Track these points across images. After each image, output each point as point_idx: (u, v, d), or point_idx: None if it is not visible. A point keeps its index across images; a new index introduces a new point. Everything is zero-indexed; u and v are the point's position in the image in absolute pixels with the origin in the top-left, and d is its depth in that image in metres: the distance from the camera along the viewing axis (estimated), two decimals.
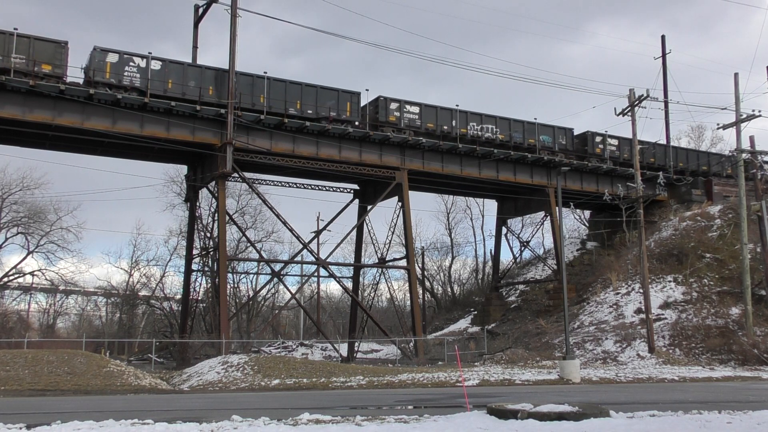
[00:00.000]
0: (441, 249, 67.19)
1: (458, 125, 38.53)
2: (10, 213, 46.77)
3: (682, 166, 48.71)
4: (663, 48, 57.43)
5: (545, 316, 42.54)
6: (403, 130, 36.88)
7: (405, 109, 37.11)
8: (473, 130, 38.97)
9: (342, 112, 35.31)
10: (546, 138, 41.71)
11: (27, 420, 11.83)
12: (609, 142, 44.89)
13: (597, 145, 44.24)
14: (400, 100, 37.19)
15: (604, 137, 44.80)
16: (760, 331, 33.53)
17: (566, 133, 42.98)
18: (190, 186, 38.81)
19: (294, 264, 49.95)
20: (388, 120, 36.47)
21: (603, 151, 44.48)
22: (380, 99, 36.76)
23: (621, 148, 45.10)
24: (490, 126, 39.70)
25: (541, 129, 41.79)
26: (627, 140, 45.17)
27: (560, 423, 10.81)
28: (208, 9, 38.22)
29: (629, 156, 44.31)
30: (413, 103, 37.65)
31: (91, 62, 30.42)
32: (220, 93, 32.77)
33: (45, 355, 24.94)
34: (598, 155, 44.23)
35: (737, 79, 35.31)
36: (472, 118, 39.31)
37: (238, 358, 28.12)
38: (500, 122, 40.18)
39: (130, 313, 56.52)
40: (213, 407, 15.95)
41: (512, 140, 40.19)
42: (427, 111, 37.86)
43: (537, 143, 41.12)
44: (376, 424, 11.41)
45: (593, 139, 44.33)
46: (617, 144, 45.19)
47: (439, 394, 19.58)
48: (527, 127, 41.23)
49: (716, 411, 12.77)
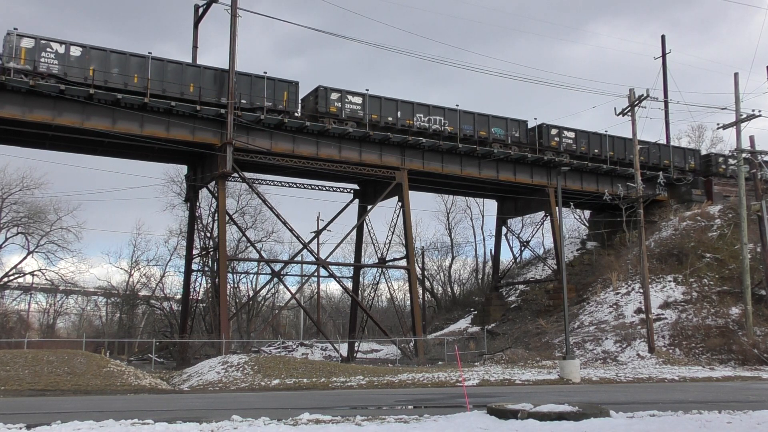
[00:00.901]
0: (441, 249, 67.26)
1: (403, 116, 36.91)
2: (10, 213, 46.81)
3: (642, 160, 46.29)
4: (663, 48, 57.44)
5: (545, 316, 42.54)
6: (344, 121, 35.12)
7: (347, 100, 35.34)
8: (420, 122, 37.35)
9: (279, 102, 33.69)
10: (498, 130, 39.97)
11: (27, 420, 11.83)
12: (565, 135, 42.88)
13: (552, 138, 42.19)
14: (342, 90, 35.41)
15: (560, 130, 42.88)
16: (760, 331, 33.54)
17: (520, 126, 41.13)
18: (190, 186, 38.80)
19: (294, 264, 49.98)
20: (328, 111, 34.77)
21: (559, 144, 42.40)
22: (320, 89, 34.93)
23: (578, 141, 43.21)
24: (438, 117, 38.01)
25: (493, 121, 40.09)
26: (584, 133, 43.85)
27: (560, 423, 10.80)
28: (208, 9, 38.23)
29: (587, 149, 43.30)
30: (356, 93, 35.84)
31: (5, 48, 28.86)
32: (144, 80, 30.98)
33: (45, 355, 24.94)
34: (553, 148, 42.07)
35: (737, 79, 35.33)
36: (419, 110, 37.66)
37: (238, 358, 28.12)
38: (449, 113, 38.48)
39: (130, 313, 56.53)
40: (213, 407, 15.95)
41: (461, 132, 38.57)
42: (371, 102, 36.09)
43: (489, 135, 39.53)
44: (376, 424, 11.41)
45: (548, 132, 42.31)
46: (574, 137, 43.19)
47: (439, 394, 19.58)
48: (478, 119, 39.50)
49: (716, 411, 12.77)
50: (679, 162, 48.74)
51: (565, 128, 43.06)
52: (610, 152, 44.63)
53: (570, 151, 42.74)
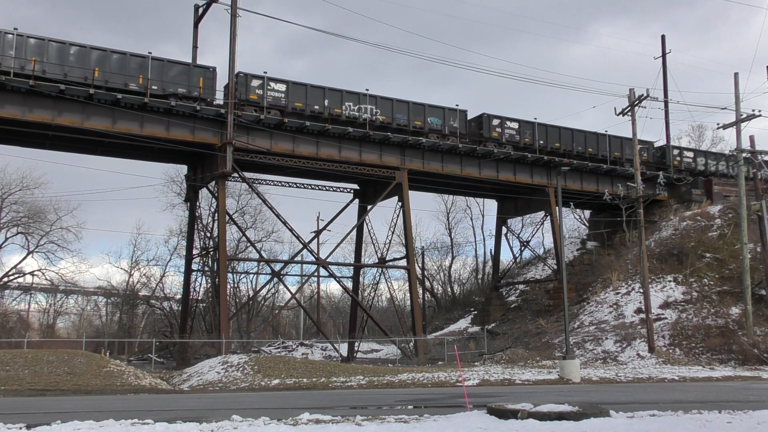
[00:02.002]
0: (441, 249, 67.24)
1: (331, 105, 35.07)
2: (10, 213, 46.84)
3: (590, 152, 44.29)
4: (663, 48, 57.42)
5: (545, 315, 42.55)
6: (267, 109, 33.54)
7: (269, 87, 33.72)
8: (349, 111, 35.47)
9: (194, 88, 32.17)
10: (435, 120, 38.05)
11: (27, 420, 11.83)
12: (508, 125, 40.69)
13: (494, 129, 40.09)
14: (263, 76, 33.78)
15: (502, 120, 40.71)
16: (760, 330, 33.54)
17: (458, 116, 39.00)
18: (190, 186, 38.80)
19: (294, 264, 49.97)
20: (249, 98, 33.17)
21: (501, 135, 40.31)
22: (240, 75, 33.36)
23: (521, 132, 41.09)
24: (369, 107, 36.09)
25: (429, 110, 38.14)
26: (529, 123, 41.63)
27: (560, 423, 10.81)
28: (207, 9, 38.23)
29: (531, 140, 41.09)
30: (278, 80, 34.19)
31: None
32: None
33: (45, 355, 24.94)
34: (495, 139, 40.04)
35: (737, 78, 35.34)
36: (348, 98, 35.74)
37: (238, 357, 28.12)
38: (381, 102, 36.61)
39: (130, 313, 56.53)
40: (213, 407, 15.95)
41: (394, 122, 36.74)
42: (295, 89, 34.32)
43: (425, 126, 37.64)
44: (376, 424, 11.40)
45: (489, 122, 40.21)
46: (517, 128, 41.05)
47: (439, 394, 19.58)
48: (413, 108, 37.59)
49: (716, 411, 12.77)
50: (630, 154, 45.14)
51: (507, 118, 40.92)
52: (556, 143, 42.29)
53: (513, 143, 40.60)
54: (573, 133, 43.49)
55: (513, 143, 40.72)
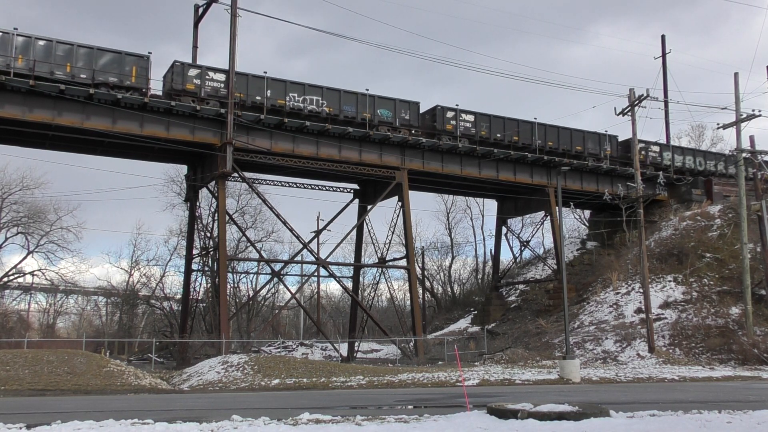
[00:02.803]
0: (441, 249, 67.25)
1: (274, 96, 33.86)
2: (10, 213, 46.84)
3: (550, 145, 42.64)
4: (663, 48, 57.46)
5: (545, 315, 42.54)
6: (205, 99, 32.40)
7: (207, 77, 32.68)
8: (294, 102, 34.27)
9: (126, 77, 30.76)
10: (385, 112, 36.71)
11: (27, 420, 11.82)
12: (463, 118, 39.13)
13: (448, 121, 38.57)
14: (202, 66, 32.92)
15: (456, 112, 39.10)
16: (760, 330, 33.54)
17: (410, 107, 37.71)
18: (190, 186, 38.82)
19: (294, 264, 49.97)
20: (185, 88, 32.02)
21: (455, 128, 38.75)
22: (176, 64, 32.34)
23: (477, 125, 39.48)
24: (315, 98, 34.87)
25: (379, 102, 36.72)
26: (486, 116, 39.98)
27: (560, 423, 10.80)
28: (207, 9, 38.27)
29: (487, 133, 39.60)
30: (217, 69, 33.20)
31: None
32: None
33: (45, 355, 24.94)
34: (449, 132, 38.55)
35: (737, 78, 35.33)
36: (293, 89, 34.48)
37: (238, 357, 28.12)
38: (328, 93, 35.34)
39: (130, 313, 56.53)
40: (213, 407, 15.95)
41: (342, 114, 35.46)
42: (237, 80, 33.14)
43: (374, 117, 36.24)
44: (376, 423, 11.40)
45: (443, 114, 38.76)
46: (473, 120, 39.49)
47: (439, 394, 19.58)
48: (361, 99, 36.21)
49: (716, 411, 12.77)
50: (594, 148, 44.26)
51: (463, 110, 39.35)
52: (515, 137, 40.82)
53: (468, 136, 39.11)
54: (533, 126, 41.79)
55: (468, 136, 39.17)
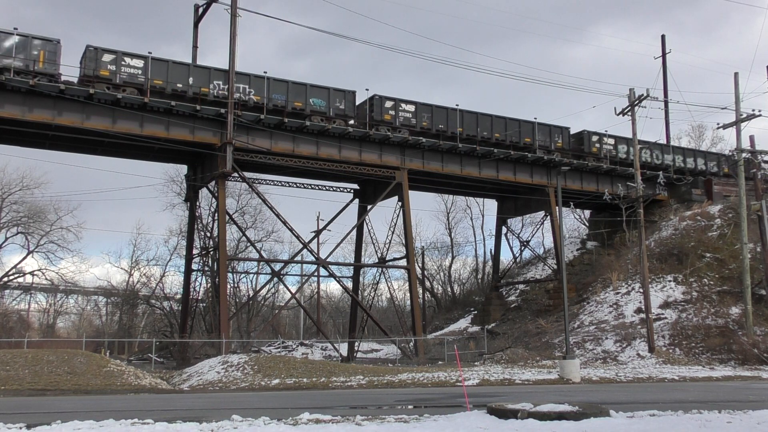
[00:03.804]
0: (441, 249, 67.25)
1: (196, 83, 32.26)
2: (10, 213, 46.86)
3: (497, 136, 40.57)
4: (663, 48, 57.47)
5: (545, 315, 42.54)
6: (120, 87, 30.75)
7: (123, 62, 30.91)
8: (218, 90, 32.70)
9: (33, 62, 29.32)
10: (318, 101, 35.05)
11: (27, 420, 11.82)
12: (402, 108, 37.53)
13: (387, 111, 37.05)
14: (117, 51, 31.10)
15: (396, 102, 37.44)
16: (760, 330, 33.54)
17: (346, 97, 35.96)
18: (190, 186, 38.81)
19: (294, 264, 49.97)
20: (99, 74, 30.29)
21: (394, 118, 37.03)
22: (89, 49, 30.43)
23: (418, 115, 37.73)
24: (241, 85, 33.37)
25: (312, 91, 35.06)
26: (427, 106, 38.33)
27: (560, 423, 10.80)
28: (207, 9, 38.28)
29: (429, 124, 37.88)
30: (135, 55, 31.32)
31: None
32: None
33: (45, 354, 24.94)
34: (387, 122, 36.97)
35: (737, 78, 35.33)
36: (217, 76, 33.04)
37: (238, 357, 28.12)
38: (255, 81, 33.79)
39: (130, 312, 56.53)
40: (213, 407, 15.95)
41: (270, 103, 33.86)
42: (155, 66, 31.44)
43: (306, 107, 34.59)
44: (376, 423, 11.40)
45: (382, 104, 37.07)
46: (414, 110, 37.79)
47: (439, 394, 19.58)
48: (292, 87, 34.56)
49: (716, 410, 12.77)
50: (544, 140, 42.22)
51: (402, 100, 37.74)
52: (459, 128, 39.03)
53: (408, 126, 37.50)
54: (478, 117, 39.97)
55: (408, 127, 37.56)
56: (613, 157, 45.34)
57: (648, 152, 47.05)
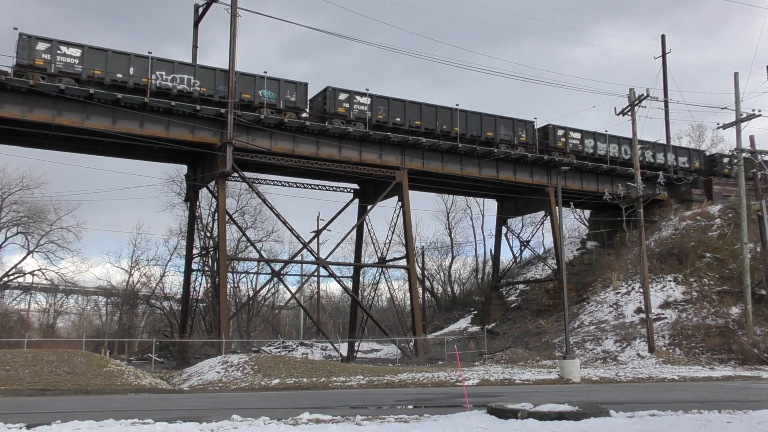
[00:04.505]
0: (441, 249, 67.24)
1: (138, 73, 30.99)
2: (10, 213, 46.87)
3: (457, 130, 39.38)
4: (663, 48, 57.45)
5: (545, 315, 42.54)
6: (56, 76, 29.63)
7: (59, 51, 29.71)
8: (161, 81, 31.56)
9: None
10: (269, 93, 34.10)
11: (27, 420, 11.82)
12: (357, 100, 36.41)
13: (341, 104, 36.00)
14: (53, 40, 29.83)
15: (351, 94, 36.36)
16: (760, 330, 33.54)
17: (297, 89, 34.91)
18: (190, 186, 38.81)
19: (294, 264, 49.96)
20: (34, 64, 29.15)
21: (348, 111, 36.05)
22: (22, 37, 29.16)
23: (374, 108, 36.45)
24: (185, 76, 32.23)
25: (261, 82, 34.17)
26: (383, 99, 37.14)
27: (560, 422, 10.80)
28: (207, 9, 38.29)
29: (385, 117, 36.72)
30: (71, 44, 30.14)
31: None
32: None
33: (45, 354, 24.94)
34: (341, 115, 35.80)
35: (737, 78, 35.32)
36: (160, 66, 31.75)
37: (238, 357, 28.12)
38: (200, 72, 32.80)
39: (130, 312, 56.52)
40: (213, 407, 15.95)
41: (217, 95, 32.81)
42: (92, 55, 30.24)
43: (254, 99, 33.73)
44: (376, 423, 11.40)
45: (335, 97, 35.96)
46: (369, 103, 36.64)
47: (439, 394, 19.58)
48: (240, 79, 33.63)
49: (716, 410, 12.77)
50: (507, 134, 40.89)
51: (357, 92, 36.65)
52: (416, 121, 37.94)
53: (363, 119, 36.46)
54: (437, 110, 38.90)
55: (363, 120, 36.41)
56: (579, 152, 43.87)
57: (615, 146, 45.74)
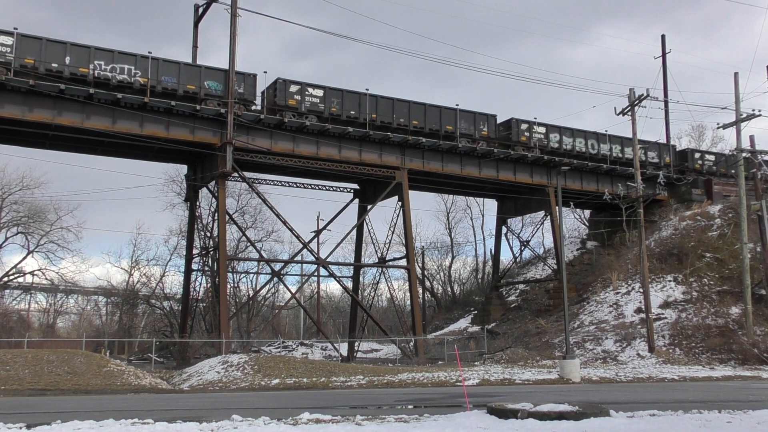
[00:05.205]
0: (441, 248, 67.23)
1: (75, 63, 29.78)
2: (10, 213, 46.86)
3: (415, 124, 38.00)
4: (663, 47, 57.42)
5: (545, 315, 42.54)
6: None
7: None
8: (100, 71, 30.27)
9: None
10: (214, 85, 32.85)
11: (27, 420, 11.83)
12: (309, 92, 35.13)
13: (291, 96, 34.75)
14: None
15: (302, 86, 35.04)
16: (760, 330, 33.54)
17: (246, 80, 34.08)
18: (190, 186, 38.81)
19: (294, 264, 49.96)
20: None
21: (300, 103, 34.67)
22: None
23: (327, 100, 35.37)
24: (127, 66, 30.84)
25: (207, 73, 32.87)
26: (337, 91, 35.86)
27: (560, 422, 10.80)
28: (207, 9, 38.29)
29: (339, 110, 35.50)
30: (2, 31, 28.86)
31: None
32: None
33: (45, 354, 24.94)
34: (293, 108, 34.59)
35: (737, 78, 35.33)
36: (99, 55, 30.37)
37: (238, 357, 28.12)
38: (142, 62, 31.26)
39: (130, 312, 56.51)
40: (213, 407, 15.95)
41: (160, 85, 31.46)
42: (24, 43, 29.10)
43: (200, 90, 32.37)
44: (376, 423, 11.40)
45: (286, 89, 34.66)
46: (322, 95, 35.37)
47: (439, 394, 19.58)
48: (185, 69, 32.33)
49: (716, 410, 12.77)
50: (467, 128, 39.46)
51: (310, 84, 35.31)
52: (373, 114, 36.62)
53: (316, 112, 35.12)
54: (394, 103, 37.56)
55: (316, 113, 35.10)
56: (544, 146, 42.37)
57: (582, 141, 44.35)
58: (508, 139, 41.38)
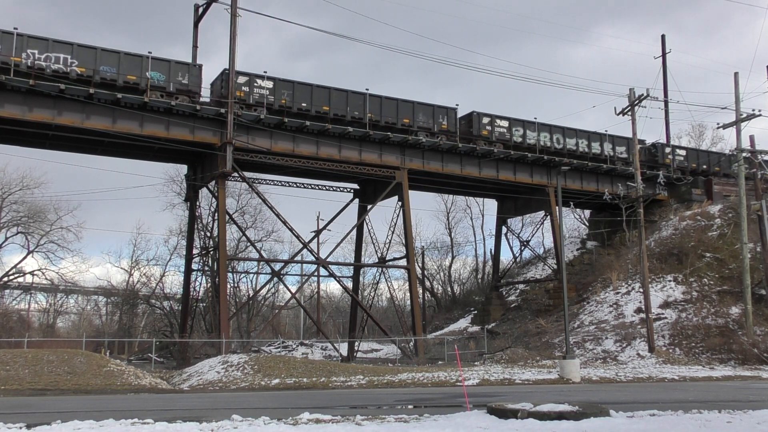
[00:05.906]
0: (441, 248, 67.22)
1: (5, 52, 28.59)
2: (10, 213, 46.85)
3: (370, 116, 36.65)
4: (663, 47, 57.44)
5: (545, 315, 42.54)
6: None
7: None
8: (33, 60, 29.13)
9: None
10: (157, 75, 31.44)
11: (27, 420, 11.83)
12: (258, 84, 34.09)
13: (239, 87, 33.57)
14: None
15: (250, 77, 34.02)
16: (760, 330, 33.53)
17: (190, 71, 32.60)
18: (190, 185, 38.81)
19: (294, 263, 49.95)
20: None
21: (248, 95, 33.68)
22: None
23: (276, 92, 34.14)
24: (62, 56, 29.61)
25: (151, 64, 31.40)
26: (288, 83, 34.72)
27: (560, 422, 10.81)
28: (207, 9, 38.27)
29: (289, 102, 34.36)
30: None
31: None
32: None
33: (45, 354, 24.94)
34: (241, 100, 33.60)
35: (737, 78, 35.32)
36: (33, 44, 29.19)
37: (238, 357, 28.12)
38: (79, 51, 29.93)
39: (130, 312, 56.50)
40: (213, 407, 15.95)
41: (98, 75, 30.13)
42: None
43: (141, 81, 31.01)
44: (376, 423, 11.41)
45: (234, 80, 33.54)
46: (272, 87, 34.21)
47: (439, 394, 19.58)
48: (125, 59, 30.78)
49: (716, 410, 12.77)
50: (426, 122, 38.21)
51: (258, 76, 34.22)
52: (325, 107, 35.36)
53: (266, 104, 34.11)
54: (348, 96, 36.20)
55: (266, 105, 34.02)
56: (507, 141, 40.93)
57: (547, 135, 42.90)
58: (470, 133, 40.15)
